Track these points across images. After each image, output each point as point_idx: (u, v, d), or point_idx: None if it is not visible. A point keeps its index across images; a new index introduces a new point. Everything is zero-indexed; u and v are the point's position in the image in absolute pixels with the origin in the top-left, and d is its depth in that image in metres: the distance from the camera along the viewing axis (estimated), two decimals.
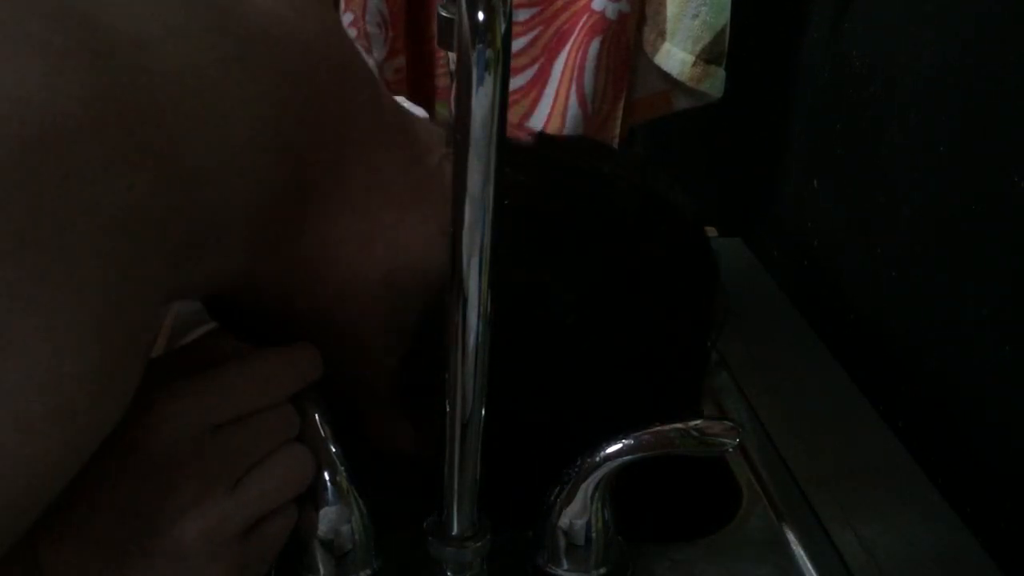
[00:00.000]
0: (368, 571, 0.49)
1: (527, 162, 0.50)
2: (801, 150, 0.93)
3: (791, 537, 0.56)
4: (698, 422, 0.48)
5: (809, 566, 0.54)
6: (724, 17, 0.82)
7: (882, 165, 0.77)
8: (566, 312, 0.48)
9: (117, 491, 0.40)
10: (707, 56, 0.83)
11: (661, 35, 0.84)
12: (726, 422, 0.49)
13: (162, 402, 0.41)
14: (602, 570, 0.50)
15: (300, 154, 0.42)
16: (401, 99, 0.81)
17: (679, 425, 0.47)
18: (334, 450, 0.46)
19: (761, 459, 0.63)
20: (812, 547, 0.55)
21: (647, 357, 0.51)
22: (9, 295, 0.31)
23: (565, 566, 0.50)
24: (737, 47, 0.85)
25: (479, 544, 0.47)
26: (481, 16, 0.34)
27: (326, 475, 0.46)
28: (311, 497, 0.46)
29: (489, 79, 0.35)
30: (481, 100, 0.35)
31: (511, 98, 0.88)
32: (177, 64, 0.36)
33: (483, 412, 0.42)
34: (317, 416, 0.46)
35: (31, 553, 0.39)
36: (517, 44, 0.89)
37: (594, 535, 0.49)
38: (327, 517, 0.47)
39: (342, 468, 0.46)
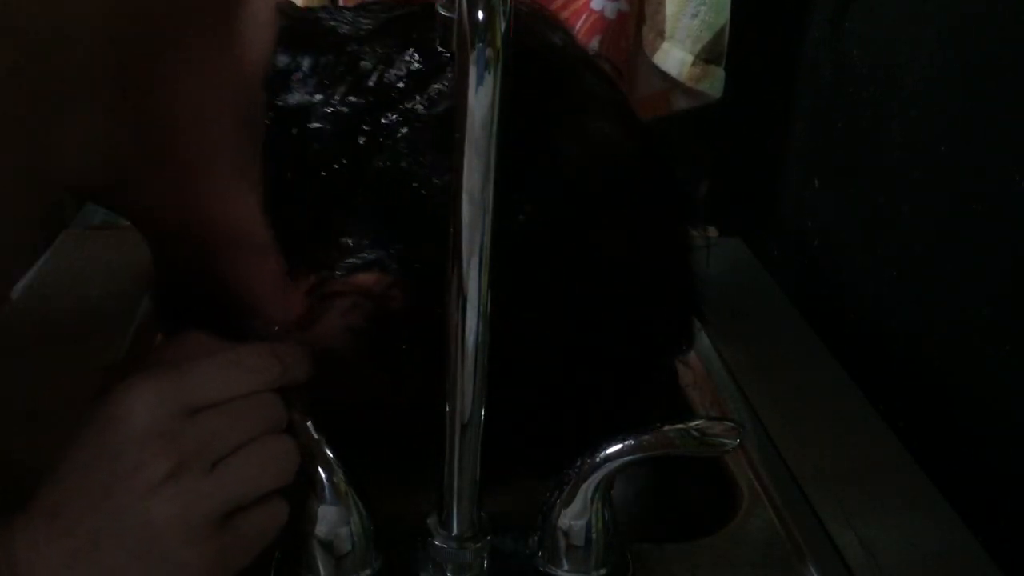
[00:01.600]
0: (368, 571, 0.49)
1: None
2: (801, 150, 0.93)
3: (791, 537, 0.56)
4: (698, 422, 0.48)
5: (809, 566, 0.54)
6: (724, 16, 0.82)
7: (882, 165, 0.77)
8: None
9: (91, 473, 0.40)
10: (706, 56, 0.83)
11: (660, 35, 0.84)
12: (726, 422, 0.49)
13: (140, 382, 0.41)
14: (602, 571, 0.50)
15: (137, 9, 0.42)
16: None
17: (679, 425, 0.47)
18: (329, 453, 0.46)
19: (761, 459, 0.62)
20: (812, 547, 0.55)
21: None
22: None
23: (565, 567, 0.50)
24: (737, 47, 0.84)
25: (479, 544, 0.47)
26: (481, 16, 0.34)
27: (324, 476, 0.46)
28: (310, 497, 0.46)
29: (489, 79, 0.35)
30: (481, 100, 0.35)
31: None
32: None
33: (483, 412, 0.42)
34: (310, 423, 0.46)
35: (6, 545, 0.39)
36: None
37: (594, 536, 0.49)
38: (326, 518, 0.47)
39: (339, 469, 0.46)
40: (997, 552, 0.56)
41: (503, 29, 0.35)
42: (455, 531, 0.46)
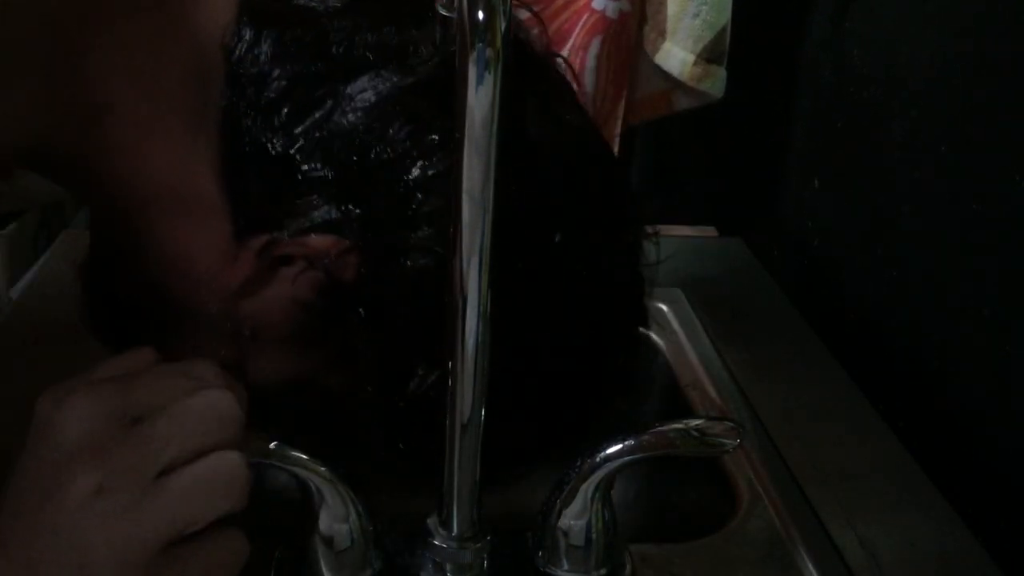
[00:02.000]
0: (368, 571, 0.49)
1: None
2: (802, 150, 0.93)
3: (791, 537, 0.56)
4: (698, 422, 0.48)
5: (809, 566, 0.54)
6: (725, 16, 0.82)
7: (882, 165, 0.77)
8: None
9: (28, 491, 0.37)
10: (708, 55, 0.83)
11: (661, 34, 0.84)
12: (726, 422, 0.49)
13: (75, 392, 0.39)
14: (602, 571, 0.50)
15: None
16: None
17: (679, 425, 0.47)
18: (311, 458, 0.46)
19: (761, 459, 0.62)
20: (812, 547, 0.55)
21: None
22: None
23: (565, 567, 0.50)
24: (738, 47, 0.84)
25: (479, 544, 0.46)
26: (481, 16, 0.34)
27: (316, 478, 0.46)
28: (309, 499, 0.46)
29: (489, 78, 0.35)
30: (481, 99, 0.35)
31: None
32: None
33: (483, 412, 0.42)
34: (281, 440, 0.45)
35: None
36: None
37: (594, 536, 0.49)
38: (325, 518, 0.47)
39: (331, 472, 0.46)
40: (997, 552, 0.56)
41: (503, 29, 0.35)
42: (455, 531, 0.46)
